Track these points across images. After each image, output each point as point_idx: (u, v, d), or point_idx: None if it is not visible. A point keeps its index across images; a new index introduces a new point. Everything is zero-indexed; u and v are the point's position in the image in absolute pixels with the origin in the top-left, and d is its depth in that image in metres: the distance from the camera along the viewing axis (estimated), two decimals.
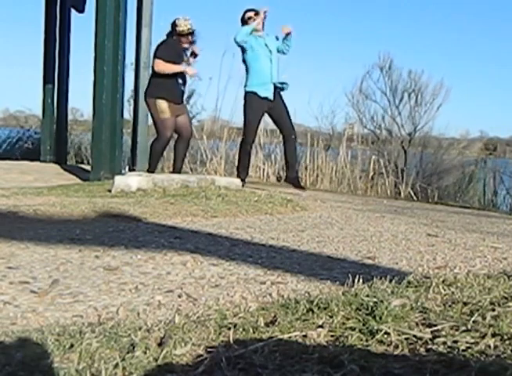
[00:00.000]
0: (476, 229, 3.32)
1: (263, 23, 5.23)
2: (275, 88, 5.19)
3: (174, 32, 5.19)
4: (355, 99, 8.16)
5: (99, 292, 1.60)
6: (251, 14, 5.18)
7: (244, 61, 5.24)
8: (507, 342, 1.05)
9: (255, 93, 5.15)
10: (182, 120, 5.25)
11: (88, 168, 6.32)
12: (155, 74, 5.14)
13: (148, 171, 5.11)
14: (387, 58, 8.02)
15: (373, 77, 8.11)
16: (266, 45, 5.18)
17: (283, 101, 5.29)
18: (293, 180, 5.27)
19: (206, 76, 9.28)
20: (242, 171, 5.34)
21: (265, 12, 5.18)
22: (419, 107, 7.95)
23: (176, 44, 5.19)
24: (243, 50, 5.18)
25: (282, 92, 5.29)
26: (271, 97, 5.17)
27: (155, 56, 5.13)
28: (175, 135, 5.44)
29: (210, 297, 1.58)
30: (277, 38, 5.28)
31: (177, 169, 5.34)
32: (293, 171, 5.35)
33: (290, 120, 5.35)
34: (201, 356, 1.05)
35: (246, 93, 5.22)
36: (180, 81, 5.16)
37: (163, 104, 5.11)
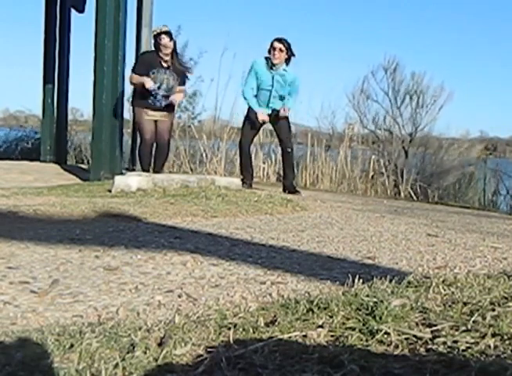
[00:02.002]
0: (476, 229, 3.32)
1: (289, 58, 5.22)
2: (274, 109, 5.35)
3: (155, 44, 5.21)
4: (355, 99, 8.18)
5: (99, 292, 1.60)
6: (275, 45, 5.13)
7: None
8: (507, 342, 1.05)
9: (252, 110, 5.30)
10: (159, 125, 5.26)
11: (88, 167, 6.32)
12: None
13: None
14: (392, 60, 8.04)
15: (376, 77, 8.14)
16: (273, 78, 5.21)
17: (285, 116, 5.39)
18: (289, 187, 5.36)
19: (206, 76, 9.31)
20: (246, 175, 5.38)
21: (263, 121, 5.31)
22: (420, 109, 7.97)
23: (152, 56, 5.17)
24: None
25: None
26: (269, 112, 5.33)
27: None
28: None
29: (210, 297, 1.58)
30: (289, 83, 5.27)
31: (157, 171, 5.33)
32: (288, 179, 5.45)
33: (290, 133, 5.47)
34: (201, 356, 1.05)
35: (248, 107, 5.36)
36: (151, 97, 5.13)
37: (140, 110, 5.17)
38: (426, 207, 5.27)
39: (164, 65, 5.13)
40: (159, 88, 5.11)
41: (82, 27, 7.95)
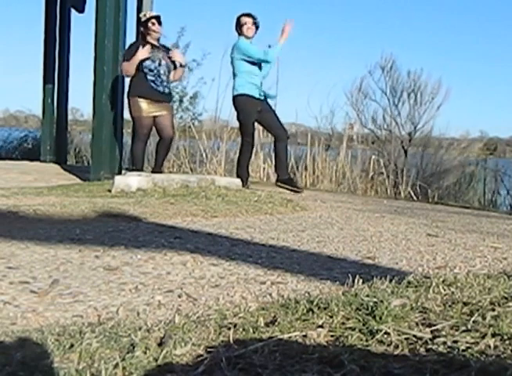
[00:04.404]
0: (476, 229, 3.31)
1: (255, 32, 5.22)
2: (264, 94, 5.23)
3: (143, 31, 5.12)
4: (354, 98, 8.18)
5: (99, 292, 1.60)
6: (246, 20, 5.14)
7: (232, 64, 5.19)
8: (507, 342, 1.05)
9: (247, 95, 5.10)
10: (162, 121, 5.12)
11: (88, 168, 6.32)
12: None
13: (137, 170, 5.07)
14: (389, 58, 8.04)
15: (374, 76, 8.15)
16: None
17: (269, 105, 5.30)
18: (289, 181, 5.18)
19: (207, 76, 9.33)
20: (243, 172, 5.27)
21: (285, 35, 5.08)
22: (418, 107, 7.97)
23: (140, 44, 5.06)
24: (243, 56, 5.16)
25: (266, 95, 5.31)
26: (263, 98, 5.20)
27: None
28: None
29: (210, 297, 1.58)
30: (269, 46, 5.20)
31: (156, 169, 5.24)
32: (286, 172, 5.29)
33: (280, 121, 5.35)
34: (201, 356, 1.05)
35: (237, 96, 5.15)
36: (151, 77, 5.01)
37: (138, 103, 5.00)
38: (426, 207, 5.26)
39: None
40: (159, 64, 5.02)
41: (82, 27, 7.96)
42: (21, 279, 1.70)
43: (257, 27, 5.20)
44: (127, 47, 5.32)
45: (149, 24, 5.00)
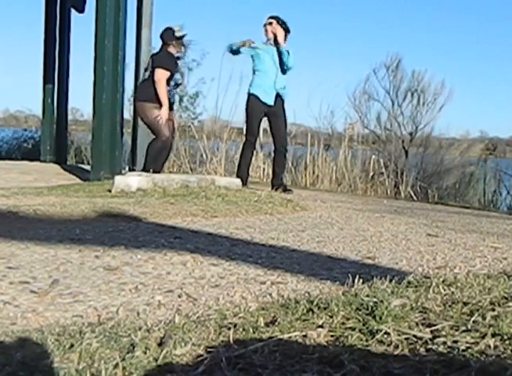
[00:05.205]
0: (476, 229, 3.31)
1: (275, 35, 5.28)
2: (278, 95, 5.26)
3: (168, 40, 5.27)
4: (357, 99, 8.18)
5: (99, 292, 1.60)
6: (264, 22, 5.29)
7: (253, 62, 5.34)
8: (507, 342, 1.05)
9: (256, 96, 5.22)
10: (169, 125, 5.38)
11: (88, 168, 6.32)
12: (153, 81, 5.23)
13: (143, 170, 5.13)
14: (395, 58, 8.05)
15: (378, 76, 8.16)
16: (273, 54, 5.26)
17: (283, 109, 5.34)
18: (281, 186, 5.30)
19: (207, 77, 9.32)
20: (243, 172, 5.31)
21: (251, 41, 5.29)
22: (421, 107, 7.97)
23: (170, 54, 5.32)
24: (252, 55, 5.32)
25: (283, 99, 5.35)
26: (271, 103, 5.23)
27: (156, 66, 5.20)
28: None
29: (210, 297, 1.58)
30: (288, 53, 5.29)
31: (156, 170, 5.32)
32: (278, 179, 5.41)
33: (285, 132, 5.43)
34: (201, 356, 1.05)
35: (248, 94, 5.30)
36: (172, 83, 5.27)
37: (153, 107, 5.21)
38: (426, 207, 5.26)
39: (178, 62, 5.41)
40: (176, 84, 5.37)
41: (82, 27, 7.95)
42: (21, 279, 1.70)
43: (266, 30, 5.30)
44: (155, 53, 5.52)
45: (181, 41, 5.31)
